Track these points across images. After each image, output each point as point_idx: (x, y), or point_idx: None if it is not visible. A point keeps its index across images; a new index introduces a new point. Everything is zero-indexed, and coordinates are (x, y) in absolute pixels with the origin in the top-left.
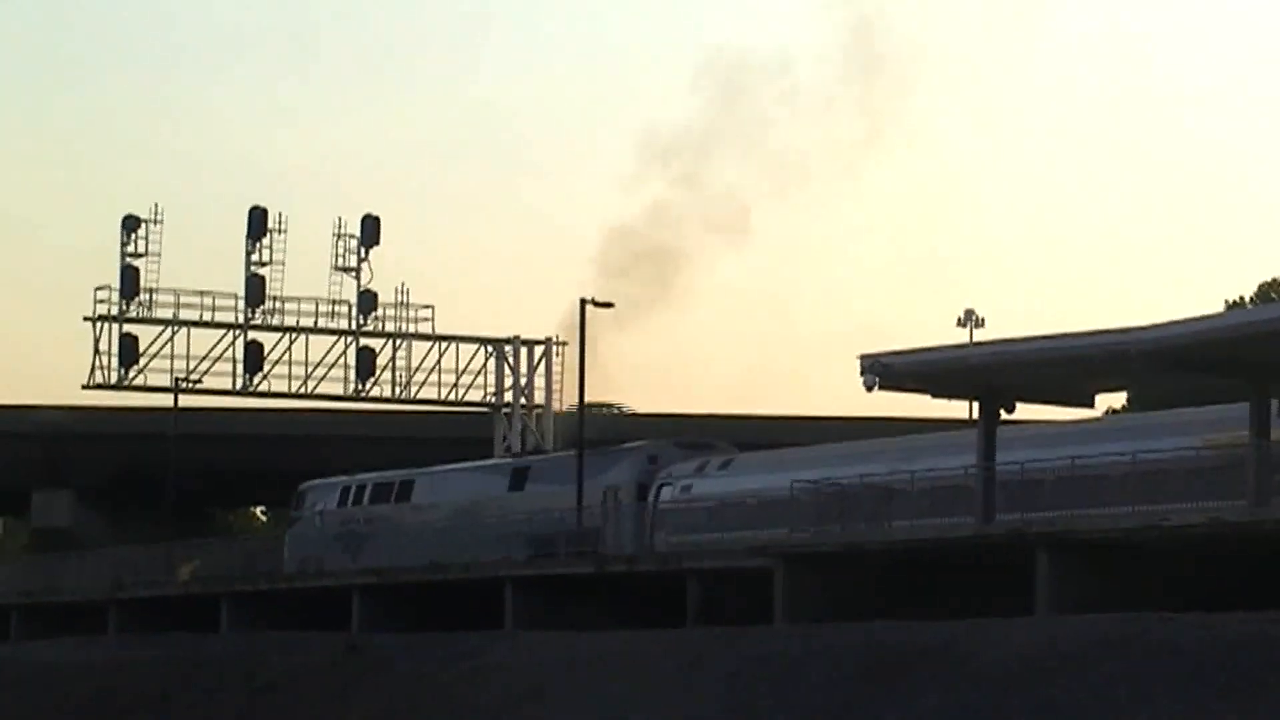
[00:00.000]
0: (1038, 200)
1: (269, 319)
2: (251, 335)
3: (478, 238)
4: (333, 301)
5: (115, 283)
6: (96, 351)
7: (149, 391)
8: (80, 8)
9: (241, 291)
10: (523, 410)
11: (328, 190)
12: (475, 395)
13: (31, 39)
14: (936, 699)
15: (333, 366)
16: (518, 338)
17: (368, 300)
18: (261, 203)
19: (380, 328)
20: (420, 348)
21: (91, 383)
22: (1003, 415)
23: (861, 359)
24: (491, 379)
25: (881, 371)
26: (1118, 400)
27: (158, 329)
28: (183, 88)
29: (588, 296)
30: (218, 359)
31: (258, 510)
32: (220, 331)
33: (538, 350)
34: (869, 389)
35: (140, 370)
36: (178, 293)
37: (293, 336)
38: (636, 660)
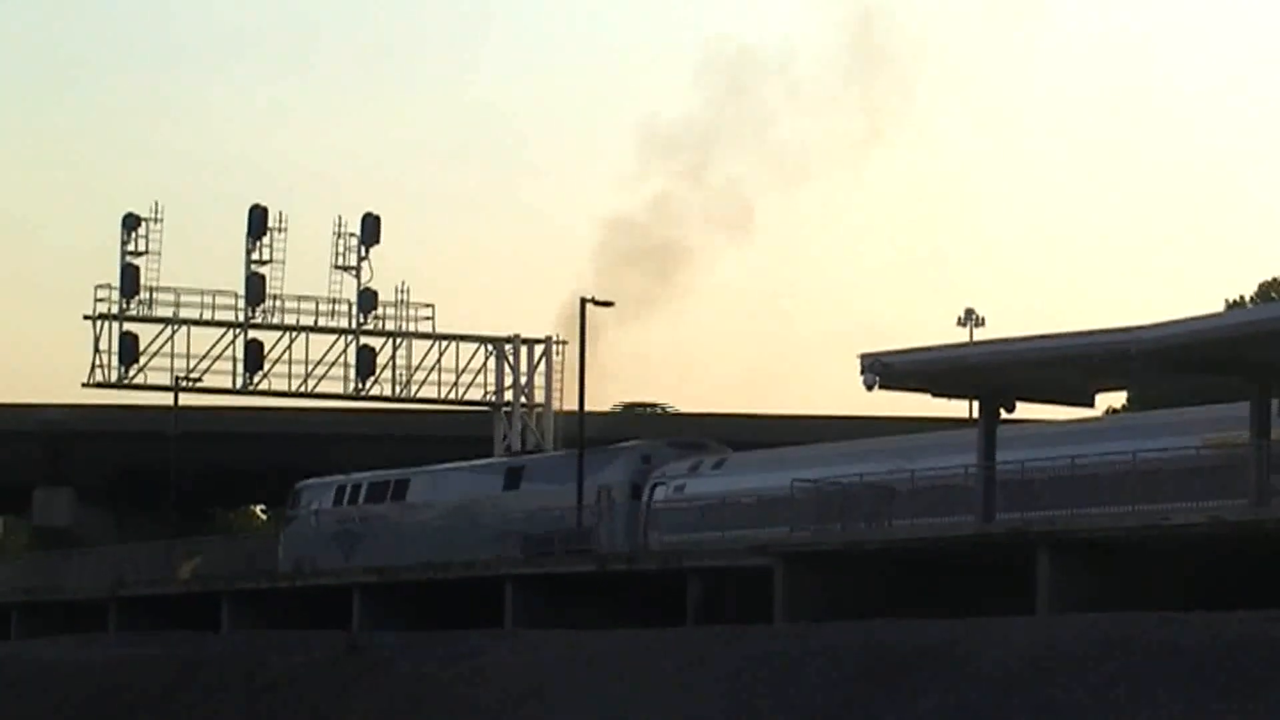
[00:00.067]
0: (1038, 200)
1: (269, 318)
2: (252, 334)
3: (478, 236)
4: (333, 300)
5: (115, 281)
6: (97, 350)
7: (149, 390)
8: (80, 8)
9: (242, 290)
10: (523, 409)
11: (328, 189)
12: (475, 394)
13: (31, 39)
14: (936, 699)
15: (333, 365)
16: (518, 336)
17: (368, 299)
18: (262, 201)
19: (380, 326)
20: (420, 346)
21: (92, 381)
22: (1003, 414)
23: (861, 358)
24: (491, 378)
25: (882, 371)
26: (1118, 400)
27: (158, 328)
28: (183, 87)
29: (588, 293)
30: (218, 358)
31: (258, 509)
32: (220, 330)
33: (538, 349)
34: (869, 388)
35: (140, 369)
36: (178, 291)
37: (293, 335)
38: (637, 659)
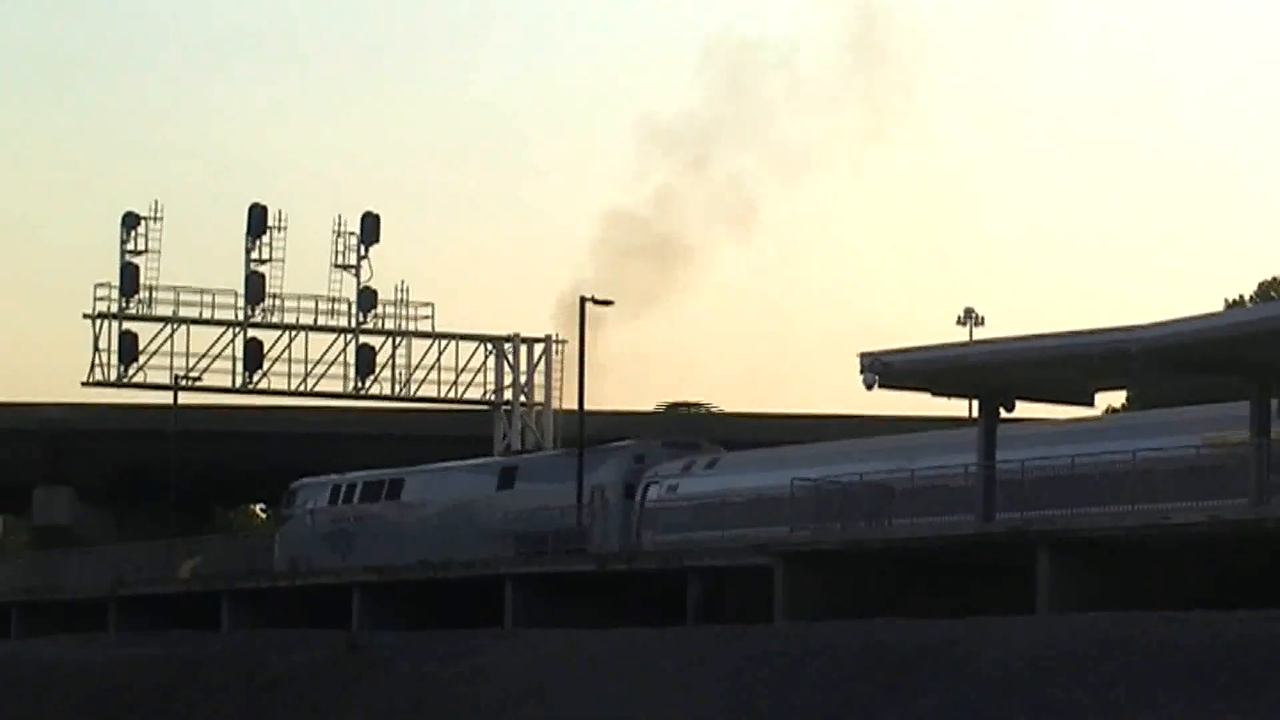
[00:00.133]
0: (1038, 200)
1: (269, 316)
2: (251, 333)
3: (478, 235)
4: (332, 299)
5: (115, 280)
6: (96, 349)
7: (149, 389)
8: (80, 8)
9: (241, 289)
10: (522, 408)
11: (327, 188)
12: (475, 393)
13: (31, 39)
14: (936, 699)
15: (332, 364)
16: (517, 335)
17: (367, 298)
18: (261, 200)
19: (380, 325)
20: (420, 345)
21: (91, 380)
22: (1002, 414)
23: (861, 357)
24: (491, 377)
25: (881, 370)
26: (1117, 399)
27: (157, 326)
28: (182, 86)
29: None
30: (217, 356)
31: (257, 508)
32: (220, 329)
33: (537, 348)
34: (869, 387)
35: (140, 368)
36: (177, 290)
37: (292, 334)
38: (637, 659)
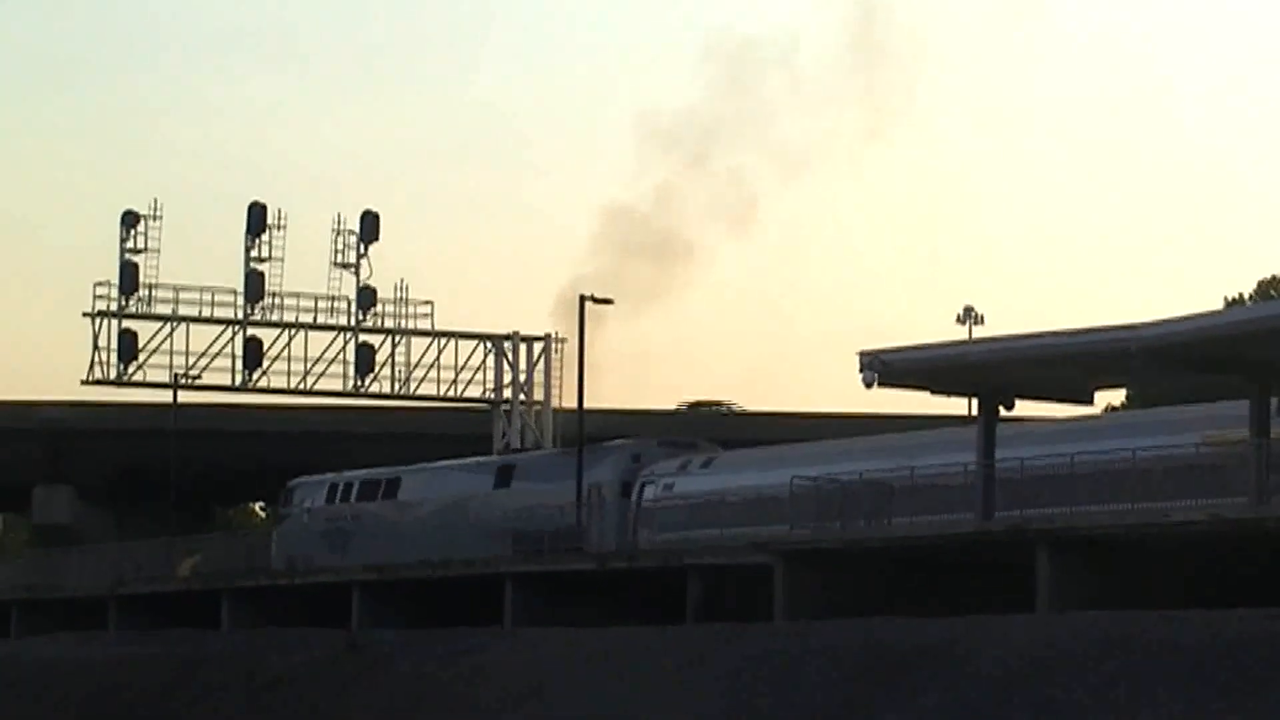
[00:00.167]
0: (1038, 199)
1: (268, 315)
2: (251, 331)
3: (477, 234)
4: (332, 297)
5: (115, 278)
6: (96, 347)
7: (148, 388)
8: (80, 8)
9: (241, 287)
10: (522, 406)
11: (327, 186)
12: (474, 391)
13: (31, 39)
14: (936, 698)
15: (332, 362)
16: (517, 334)
17: (367, 296)
18: (261, 199)
19: (379, 324)
20: (419, 344)
21: (91, 379)
22: (1002, 412)
23: (861, 355)
24: (491, 375)
25: (881, 368)
26: (1117, 398)
27: (157, 325)
28: (182, 85)
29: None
30: (217, 355)
31: (257, 506)
32: (219, 327)
33: (537, 346)
34: (868, 385)
35: (140, 366)
36: (177, 288)
37: (292, 332)
38: (636, 657)
